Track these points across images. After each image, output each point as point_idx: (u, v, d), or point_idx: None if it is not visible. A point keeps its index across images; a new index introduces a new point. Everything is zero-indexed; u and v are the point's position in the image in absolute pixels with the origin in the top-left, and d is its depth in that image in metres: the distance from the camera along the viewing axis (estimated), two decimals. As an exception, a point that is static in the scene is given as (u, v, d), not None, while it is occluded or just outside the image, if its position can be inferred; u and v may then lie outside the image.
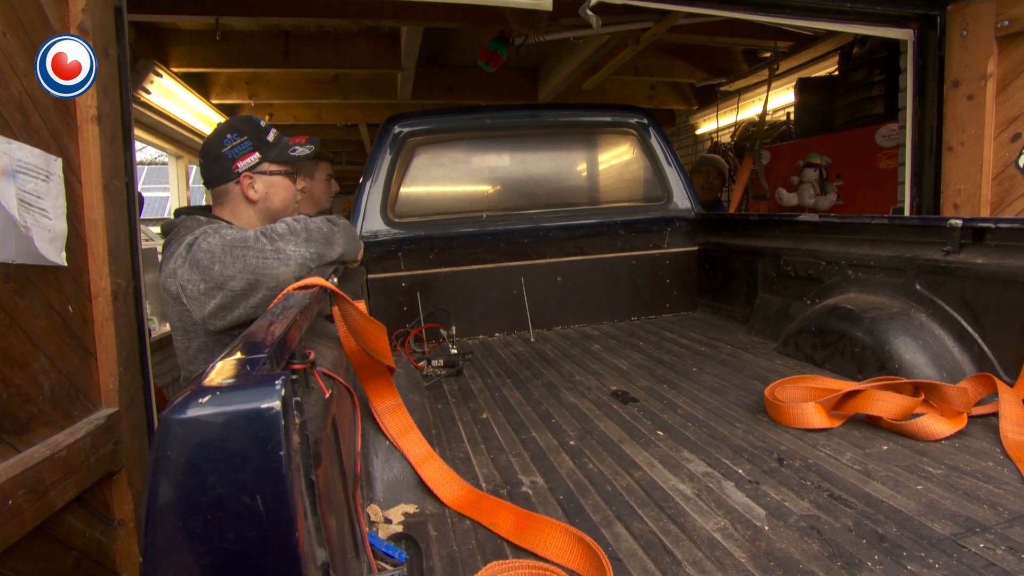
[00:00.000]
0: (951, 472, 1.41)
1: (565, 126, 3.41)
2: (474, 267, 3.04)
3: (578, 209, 3.28)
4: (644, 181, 3.44)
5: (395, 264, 2.93)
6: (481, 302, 3.05)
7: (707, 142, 6.63)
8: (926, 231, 2.00)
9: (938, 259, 1.92)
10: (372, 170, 2.99)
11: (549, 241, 3.15)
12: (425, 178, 3.18)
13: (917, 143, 2.91)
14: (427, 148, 3.15)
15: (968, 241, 1.86)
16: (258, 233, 1.60)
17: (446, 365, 2.45)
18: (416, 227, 3.00)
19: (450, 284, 3.00)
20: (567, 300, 3.17)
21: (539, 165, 3.38)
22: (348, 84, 5.23)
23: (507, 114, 3.31)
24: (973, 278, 1.81)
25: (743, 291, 3.00)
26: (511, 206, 3.24)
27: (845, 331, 2.11)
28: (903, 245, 2.09)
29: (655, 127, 3.42)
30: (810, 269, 2.49)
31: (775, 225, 2.77)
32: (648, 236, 3.31)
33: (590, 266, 3.21)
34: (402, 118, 3.10)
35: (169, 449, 0.54)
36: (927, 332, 1.91)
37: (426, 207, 3.14)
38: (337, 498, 0.95)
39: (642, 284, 3.30)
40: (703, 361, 2.42)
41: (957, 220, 1.86)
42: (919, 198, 2.90)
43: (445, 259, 3.00)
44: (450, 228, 3.03)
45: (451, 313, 2.85)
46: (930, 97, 2.85)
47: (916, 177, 2.91)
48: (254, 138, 1.84)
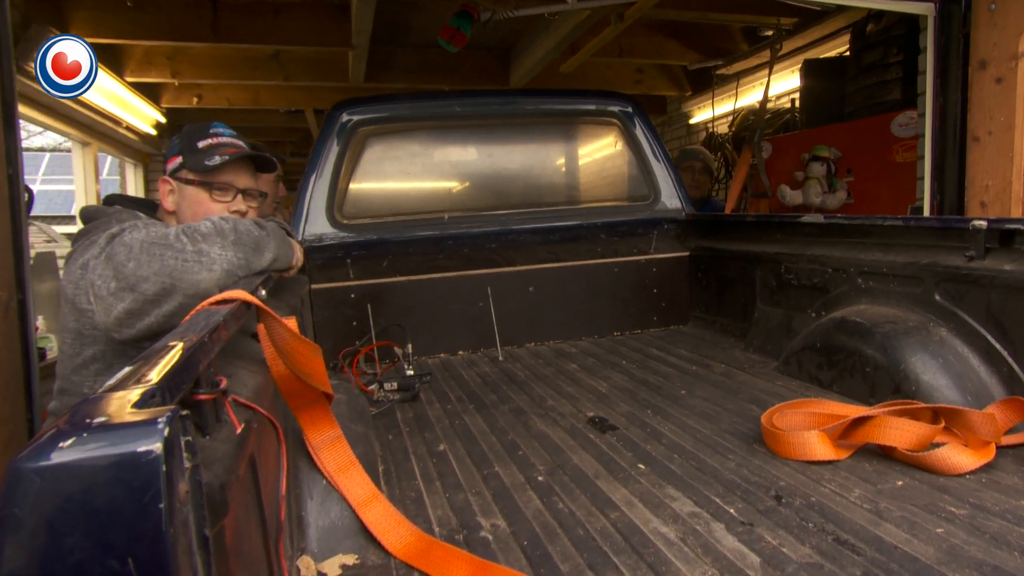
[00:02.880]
0: (976, 512, 1.41)
1: (539, 115, 3.42)
2: (434, 276, 3.03)
3: (553, 210, 3.29)
4: (628, 178, 3.46)
5: (343, 272, 2.91)
6: (442, 316, 3.04)
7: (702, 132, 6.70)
8: (946, 234, 2.02)
9: (960, 266, 1.93)
10: (316, 163, 2.97)
11: (520, 246, 3.15)
12: (378, 173, 3.16)
13: (938, 133, 2.95)
14: (381, 139, 3.13)
15: (995, 245, 1.87)
16: (179, 231, 1.58)
17: (400, 389, 2.44)
18: (367, 230, 2.98)
19: (406, 295, 2.99)
20: (540, 313, 3.18)
21: (509, 159, 3.38)
22: (291, 63, 5.18)
23: (473, 101, 3.31)
24: (1001, 287, 1.82)
25: (740, 302, 3.02)
26: (477, 206, 3.24)
27: (854, 348, 2.12)
28: (920, 250, 2.11)
29: (641, 116, 3.45)
30: (815, 277, 2.51)
31: (775, 227, 2.80)
32: (633, 240, 3.32)
33: (567, 274, 3.21)
34: (352, 104, 3.08)
35: (18, 505, 0.50)
36: (948, 349, 1.92)
37: (379, 207, 3.13)
38: (253, 552, 0.91)
39: (626, 295, 3.31)
40: (693, 383, 2.42)
41: (981, 221, 1.88)
42: (940, 196, 2.94)
43: (401, 267, 2.99)
44: (407, 231, 3.02)
45: (407, 329, 2.84)
46: (953, 80, 2.88)
47: (937, 172, 2.95)
48: (186, 140, 1.89)
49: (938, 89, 2.97)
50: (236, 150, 1.91)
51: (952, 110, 2.94)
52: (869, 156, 3.90)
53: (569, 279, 3.22)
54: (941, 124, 2.97)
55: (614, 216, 3.33)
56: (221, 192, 1.91)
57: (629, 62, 5.90)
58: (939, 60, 2.96)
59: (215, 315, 1.04)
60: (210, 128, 1.94)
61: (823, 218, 2.50)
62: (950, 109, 2.94)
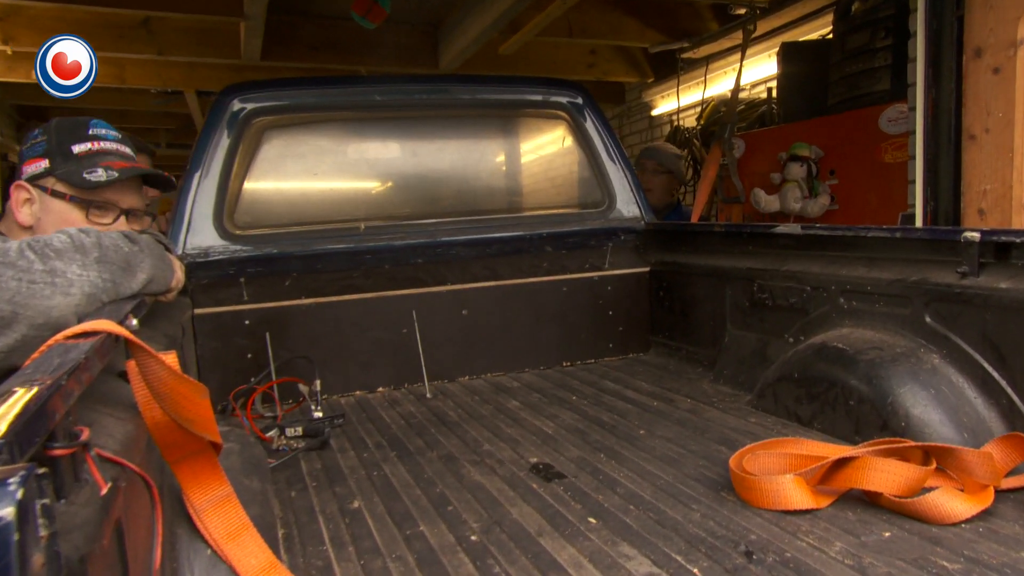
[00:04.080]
0: (972, 567, 1.46)
1: (473, 106, 3.46)
2: (348, 297, 3.03)
3: (491, 218, 3.34)
4: (579, 181, 3.53)
5: (235, 294, 2.88)
6: (358, 346, 3.04)
7: (666, 125, 6.88)
8: (936, 247, 2.12)
9: (952, 283, 2.03)
10: (201, 160, 2.94)
11: (451, 262, 3.18)
12: (279, 174, 3.16)
13: (930, 130, 3.08)
14: (282, 131, 3.13)
15: (989, 259, 1.97)
16: (23, 246, 1.53)
17: (306, 435, 2.43)
18: (265, 242, 2.97)
19: (314, 321, 2.98)
20: (476, 341, 3.20)
21: (438, 159, 3.41)
22: (165, 33, 5.09)
23: (395, 88, 3.33)
24: (997, 308, 1.92)
25: (708, 326, 3.11)
26: (400, 214, 3.26)
27: (836, 378, 2.21)
28: (908, 265, 2.21)
29: (593, 108, 3.53)
30: (792, 296, 2.61)
31: (747, 238, 2.89)
32: (584, 254, 3.39)
33: (507, 295, 3.26)
34: (247, 88, 3.07)
35: None
36: (941, 379, 2.02)
37: (280, 214, 3.12)
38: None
39: (576, 318, 3.37)
40: (654, 421, 2.48)
41: (974, 233, 1.97)
42: (934, 202, 3.08)
43: (307, 287, 2.98)
44: (314, 244, 3.02)
45: (315, 362, 2.82)
46: (946, 70, 3.01)
47: (930, 175, 3.09)
48: (56, 140, 1.84)
49: (930, 80, 3.10)
50: (125, 164, 1.87)
51: (945, 104, 3.08)
52: (855, 155, 4.08)
53: (510, 300, 3.26)
54: (934, 119, 3.10)
55: (562, 226, 3.38)
56: (100, 212, 1.87)
57: (580, 43, 6.03)
58: (931, 46, 3.09)
59: (73, 351, 1.04)
60: (88, 127, 1.89)
61: (799, 228, 2.60)
62: (943, 102, 3.08)
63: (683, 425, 2.42)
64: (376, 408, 2.84)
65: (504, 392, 2.96)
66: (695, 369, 3.13)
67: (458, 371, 3.18)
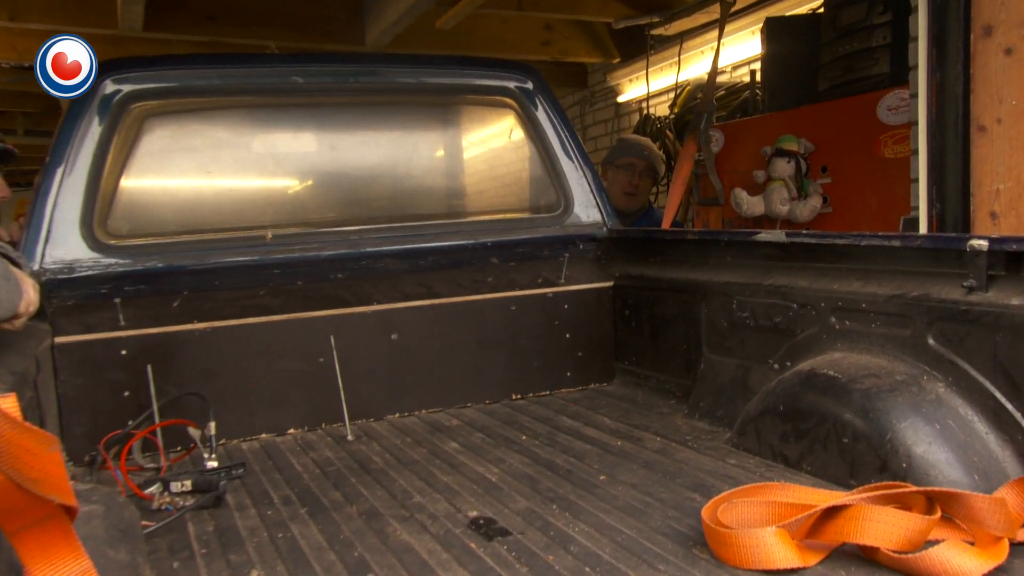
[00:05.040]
0: None
1: (405, 91, 3.45)
2: (251, 321, 2.99)
3: (426, 225, 3.33)
4: (529, 180, 3.55)
5: (109, 319, 2.82)
6: (264, 379, 3.00)
7: (635, 114, 6.94)
8: (938, 257, 2.14)
9: (958, 299, 2.06)
10: (65, 153, 2.87)
11: (379, 276, 3.16)
12: (165, 171, 3.11)
13: (935, 120, 3.12)
14: (168, 120, 3.08)
15: (1000, 271, 1.99)
16: None
17: (196, 489, 2.37)
18: (148, 254, 2.92)
19: (209, 350, 2.93)
20: (407, 372, 3.19)
21: (363, 154, 3.40)
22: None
23: (311, 67, 3.30)
24: (1009, 328, 1.94)
25: (680, 350, 3.11)
26: (316, 220, 3.24)
27: (827, 412, 2.22)
28: (908, 278, 2.24)
29: (545, 94, 3.54)
30: (776, 315, 2.63)
31: (724, 247, 2.91)
32: (536, 266, 3.39)
33: (445, 316, 3.24)
34: (123, 66, 3.02)
35: None
36: (947, 412, 2.03)
37: (167, 221, 3.07)
38: None
39: (527, 343, 3.36)
40: (617, 464, 2.48)
41: (980, 241, 2.00)
42: (940, 204, 3.11)
43: (200, 308, 2.93)
44: (209, 256, 2.98)
45: (209, 400, 2.76)
46: (953, 50, 3.04)
47: (935, 172, 3.12)
48: None
49: (933, 61, 3.14)
50: None
51: (952, 89, 3.11)
52: (850, 149, 4.15)
53: (448, 322, 3.25)
54: (939, 108, 3.14)
55: (510, 233, 3.38)
56: None
57: (533, 17, 6.06)
58: (934, 24, 3.13)
59: None
60: None
61: (784, 236, 2.62)
62: (949, 88, 3.11)
63: (651, 469, 2.42)
64: (285, 454, 2.79)
65: (441, 432, 2.93)
66: (666, 401, 3.13)
67: (386, 408, 3.15)
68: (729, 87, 5.79)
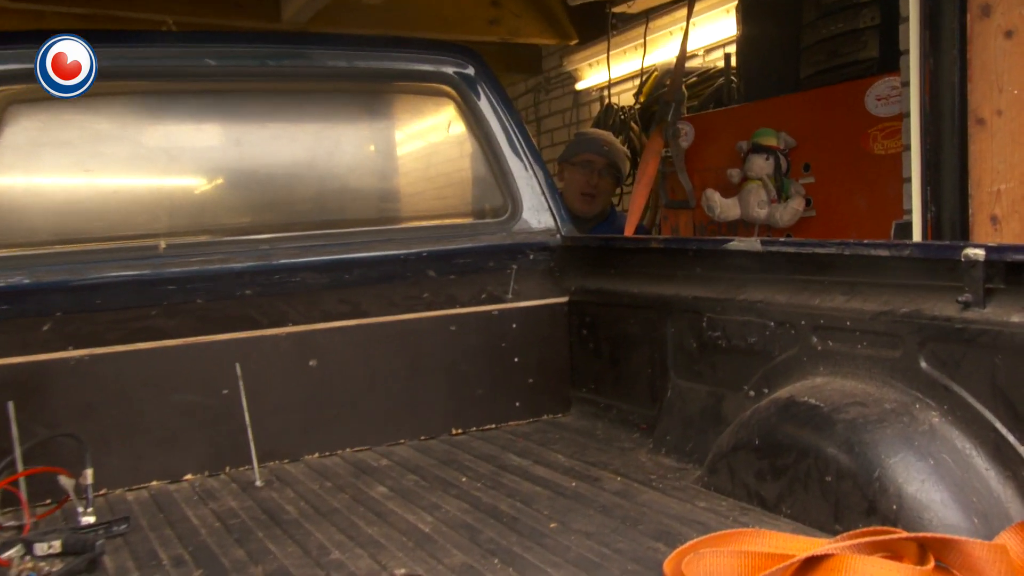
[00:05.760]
0: None
1: (325, 76, 3.42)
2: (141, 346, 2.93)
3: (351, 232, 3.30)
4: (472, 181, 3.54)
5: None
6: (155, 415, 2.93)
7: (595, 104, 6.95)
8: (930, 268, 2.15)
9: (952, 316, 2.06)
10: None
11: (295, 293, 3.13)
12: (32, 168, 3.06)
13: (929, 111, 3.14)
14: (38, 108, 3.03)
15: (998, 284, 1.99)
16: None
17: (67, 552, 2.29)
18: (11, 268, 2.85)
19: (88, 382, 2.87)
20: (328, 404, 3.14)
21: (276, 150, 3.36)
22: None
23: (214, 49, 3.25)
24: (1009, 348, 1.94)
25: (645, 376, 3.10)
26: (220, 226, 3.20)
27: (808, 446, 2.22)
28: (897, 293, 2.24)
29: (488, 81, 3.53)
30: (751, 335, 2.62)
31: (693, 257, 2.90)
32: (480, 280, 3.38)
33: (373, 338, 3.21)
34: None
35: None
36: (942, 445, 2.03)
37: (34, 228, 3.02)
38: None
39: (469, 369, 3.34)
40: (571, 509, 2.45)
41: (976, 250, 2.00)
42: (936, 207, 3.14)
43: (78, 332, 2.87)
44: (89, 270, 2.92)
45: (86, 442, 2.70)
46: (948, 32, 3.07)
47: (930, 171, 3.14)
48: None
49: (926, 45, 3.17)
50: None
51: (947, 77, 3.14)
52: (836, 145, 4.18)
53: (377, 345, 3.21)
54: (932, 98, 3.17)
55: (449, 241, 3.36)
56: None
57: (477, -9, 6.06)
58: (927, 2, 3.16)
59: None
60: None
61: (759, 244, 2.62)
62: (944, 76, 3.14)
63: (609, 514, 2.39)
64: (180, 506, 2.72)
65: (367, 474, 2.89)
66: (629, 435, 3.12)
67: (303, 447, 3.10)
68: (701, 73, 5.82)
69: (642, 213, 4.75)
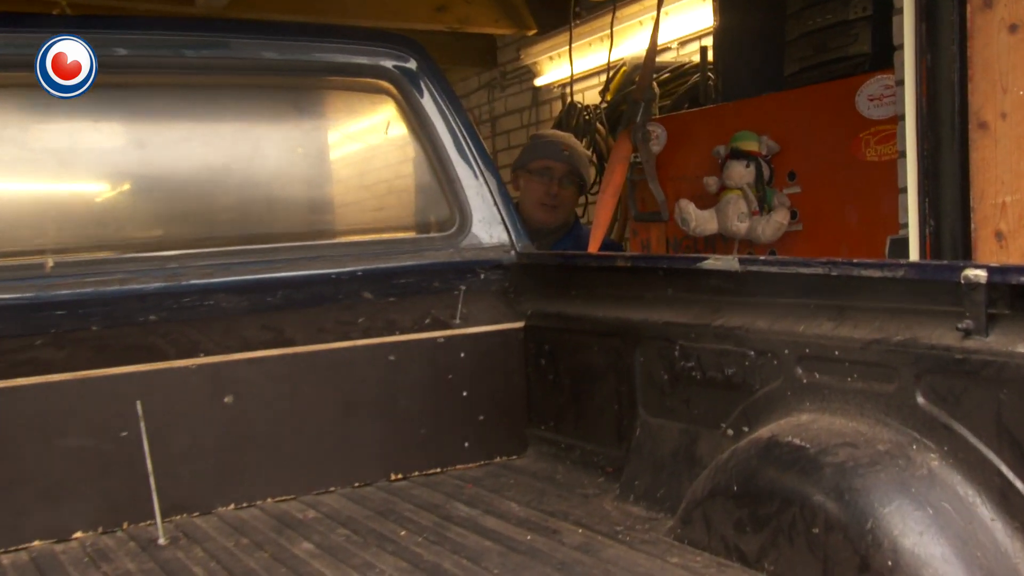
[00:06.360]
0: None
1: (245, 70, 3.41)
2: (21, 382, 2.87)
3: (275, 249, 3.27)
4: (414, 190, 3.54)
5: None
6: (37, 463, 2.88)
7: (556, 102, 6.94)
8: (927, 291, 2.14)
9: (951, 345, 2.04)
10: None
11: (208, 318, 3.10)
12: None
13: (926, 113, 3.16)
14: None
15: (1003, 310, 1.98)
16: None
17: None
18: None
19: None
20: (246, 447, 3.11)
21: (187, 154, 3.34)
22: None
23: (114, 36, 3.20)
24: (1014, 382, 1.93)
25: (610, 412, 3.09)
26: (119, 242, 3.18)
27: (793, 492, 2.20)
28: (891, 318, 2.23)
29: (433, 76, 3.53)
30: (729, 366, 2.61)
31: (664, 277, 2.90)
32: (423, 303, 3.37)
33: (300, 370, 3.19)
34: None
35: None
36: (943, 491, 2.01)
37: None
38: None
39: (411, 405, 3.32)
40: (525, 567, 2.44)
41: (977, 271, 1.98)
42: (934, 220, 3.15)
43: None
44: None
45: None
46: (946, 25, 3.10)
47: (927, 180, 3.16)
48: None
49: (922, 40, 3.19)
50: None
51: (946, 75, 3.16)
52: (824, 150, 4.19)
53: (304, 379, 3.19)
54: (930, 99, 3.18)
55: (388, 259, 3.36)
56: None
57: (423, -26, 6.07)
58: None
59: None
60: None
61: (737, 263, 2.60)
62: (942, 74, 3.16)
63: (569, 572, 2.37)
64: (67, 569, 2.67)
65: (291, 529, 2.85)
66: (593, 479, 3.10)
67: (215, 497, 3.05)
68: (674, 68, 5.84)
69: (609, 226, 4.75)
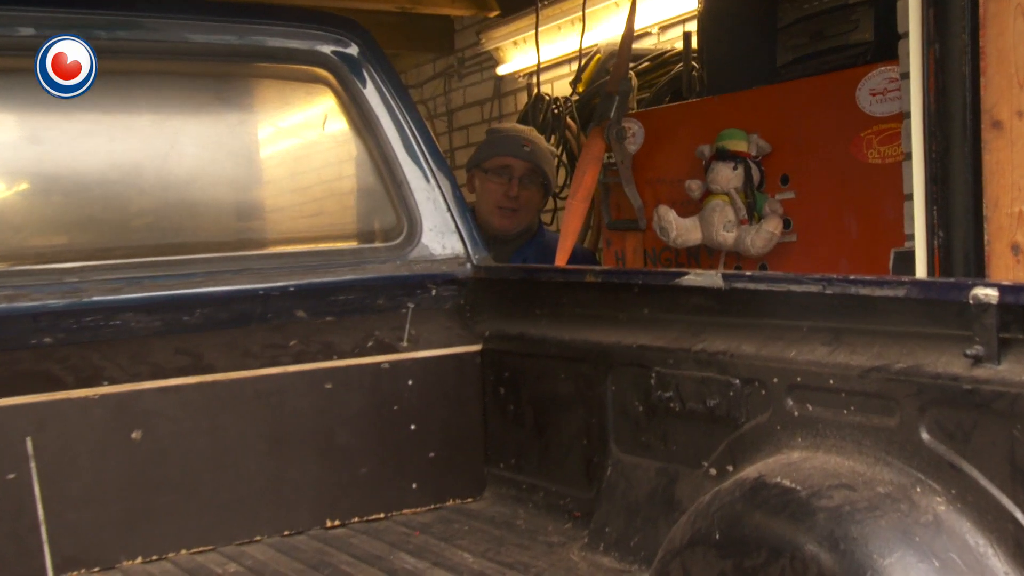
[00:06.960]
0: None
1: (160, 54, 3.42)
2: None
3: (192, 260, 3.26)
4: (355, 193, 3.56)
5: None
6: None
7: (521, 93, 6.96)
8: (932, 312, 2.15)
9: (959, 374, 2.03)
10: None
11: (113, 341, 3.09)
12: None
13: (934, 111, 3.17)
14: None
15: (1016, 334, 1.97)
16: None
17: None
18: None
19: None
20: (157, 490, 3.07)
21: (91, 151, 3.34)
22: None
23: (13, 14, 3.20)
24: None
25: (578, 448, 3.09)
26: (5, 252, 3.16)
27: (783, 541, 2.17)
28: (892, 343, 2.23)
29: (379, 64, 3.54)
30: (712, 396, 2.60)
31: (639, 295, 2.90)
32: (365, 323, 3.38)
33: (221, 400, 3.17)
34: None
35: None
36: (950, 540, 2.00)
37: None
38: None
39: (351, 440, 3.31)
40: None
41: (988, 290, 1.98)
42: (944, 231, 3.15)
43: None
44: None
45: None
46: (956, 12, 3.11)
47: (936, 186, 3.17)
48: None
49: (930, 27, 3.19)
50: None
51: (956, 68, 3.17)
52: (821, 151, 4.18)
53: (226, 411, 3.17)
54: (938, 94, 3.19)
55: (325, 272, 3.37)
56: None
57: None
58: (930, -28, 3.19)
59: None
60: None
61: (722, 280, 2.60)
62: (952, 66, 3.17)
63: (529, 635, 2.38)
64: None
65: (208, 583, 2.85)
66: (558, 525, 3.09)
67: (120, 550, 3.00)
68: (654, 57, 5.87)
69: (579, 235, 4.73)
